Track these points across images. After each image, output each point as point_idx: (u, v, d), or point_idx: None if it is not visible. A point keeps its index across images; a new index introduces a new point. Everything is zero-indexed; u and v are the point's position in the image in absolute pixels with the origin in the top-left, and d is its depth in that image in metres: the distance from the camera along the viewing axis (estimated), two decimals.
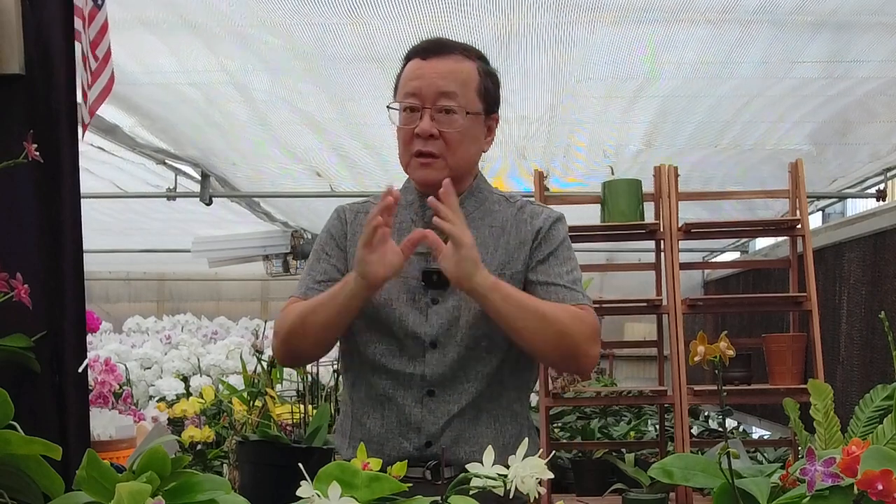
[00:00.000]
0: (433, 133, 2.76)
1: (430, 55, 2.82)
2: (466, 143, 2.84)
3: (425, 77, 2.79)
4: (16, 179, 2.46)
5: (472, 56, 2.88)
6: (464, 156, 2.86)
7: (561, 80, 5.60)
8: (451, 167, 2.82)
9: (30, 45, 2.55)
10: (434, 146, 2.78)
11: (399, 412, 2.81)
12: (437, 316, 2.80)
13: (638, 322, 11.30)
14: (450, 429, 2.80)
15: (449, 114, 2.77)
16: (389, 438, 2.83)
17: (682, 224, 5.05)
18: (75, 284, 2.62)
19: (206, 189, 7.79)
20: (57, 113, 2.60)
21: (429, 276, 2.81)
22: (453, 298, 2.80)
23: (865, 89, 5.55)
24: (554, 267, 2.87)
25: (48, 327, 2.54)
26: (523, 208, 2.95)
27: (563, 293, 2.83)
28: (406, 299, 2.81)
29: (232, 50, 5.25)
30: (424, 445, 2.80)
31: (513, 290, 2.73)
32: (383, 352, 2.79)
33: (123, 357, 7.91)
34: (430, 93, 2.77)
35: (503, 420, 2.88)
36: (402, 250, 2.66)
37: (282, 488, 1.80)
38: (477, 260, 2.64)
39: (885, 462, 1.38)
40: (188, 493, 1.78)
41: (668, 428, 5.73)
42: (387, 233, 2.64)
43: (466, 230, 2.63)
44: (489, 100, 2.89)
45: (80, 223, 2.66)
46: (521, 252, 2.87)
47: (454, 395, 2.79)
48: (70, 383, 2.58)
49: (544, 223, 2.90)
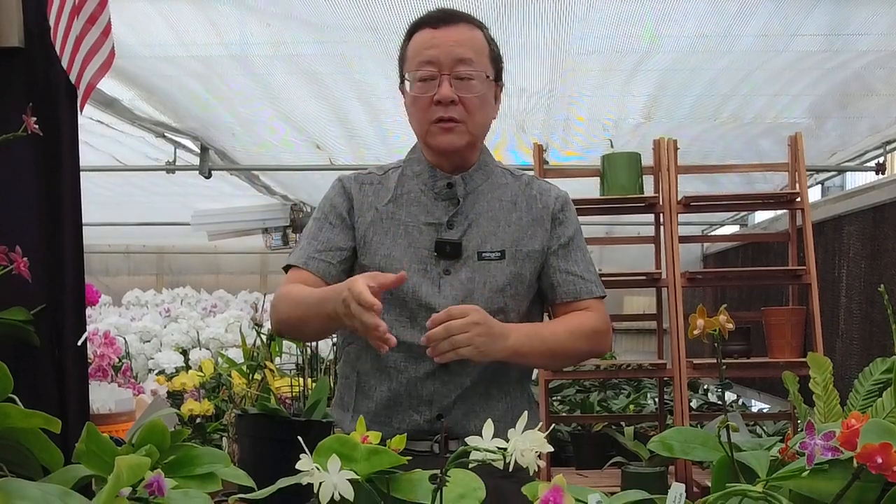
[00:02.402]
0: (454, 99, 2.79)
1: (440, 24, 2.84)
2: (485, 108, 2.88)
3: (441, 45, 2.80)
4: (15, 153, 2.45)
5: (478, 24, 2.91)
6: (482, 121, 2.90)
7: (560, 53, 5.58)
8: (472, 132, 2.86)
9: (30, 18, 2.55)
10: (455, 112, 2.80)
11: (409, 385, 2.82)
12: (451, 287, 2.81)
13: (637, 295, 11.31)
14: (461, 402, 2.82)
15: (466, 80, 2.80)
16: (398, 411, 2.84)
17: (681, 197, 5.04)
18: (74, 258, 2.62)
19: (206, 162, 7.79)
20: (56, 87, 2.60)
21: (442, 247, 2.82)
22: (466, 270, 2.83)
23: (865, 62, 5.54)
24: (573, 253, 2.95)
25: (47, 301, 2.54)
26: (531, 184, 3.00)
27: (580, 284, 2.92)
28: (417, 269, 2.82)
29: (231, 21, 5.23)
30: (436, 418, 2.81)
31: (526, 342, 2.76)
32: (393, 323, 2.76)
33: (122, 330, 7.90)
34: (447, 60, 2.79)
35: (514, 395, 2.92)
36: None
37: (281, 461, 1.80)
38: (492, 334, 2.64)
39: (885, 435, 1.38)
40: (187, 467, 1.78)
41: (667, 401, 5.74)
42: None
43: (466, 324, 2.60)
44: (498, 67, 2.92)
45: (79, 196, 2.66)
46: (538, 230, 2.91)
47: (467, 368, 2.80)
48: (69, 357, 2.58)
49: (557, 203, 2.96)
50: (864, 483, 1.41)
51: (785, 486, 1.50)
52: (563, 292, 2.91)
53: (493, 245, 2.84)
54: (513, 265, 2.84)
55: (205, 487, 1.72)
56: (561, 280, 2.91)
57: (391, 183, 2.95)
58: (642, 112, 6.69)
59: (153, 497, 1.52)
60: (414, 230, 2.86)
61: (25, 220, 2.54)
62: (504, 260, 2.84)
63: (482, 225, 2.86)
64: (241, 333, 6.45)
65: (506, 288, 2.83)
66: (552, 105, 6.58)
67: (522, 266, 2.86)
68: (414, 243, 2.84)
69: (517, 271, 2.85)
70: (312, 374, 5.00)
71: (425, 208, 2.88)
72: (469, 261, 2.82)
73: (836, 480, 1.43)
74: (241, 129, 7.44)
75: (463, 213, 2.87)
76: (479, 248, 2.83)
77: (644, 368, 5.16)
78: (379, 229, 2.89)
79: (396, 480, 1.67)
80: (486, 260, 2.83)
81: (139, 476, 1.51)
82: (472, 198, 2.90)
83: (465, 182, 2.89)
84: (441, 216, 2.86)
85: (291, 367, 5.13)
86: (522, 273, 2.86)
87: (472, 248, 2.83)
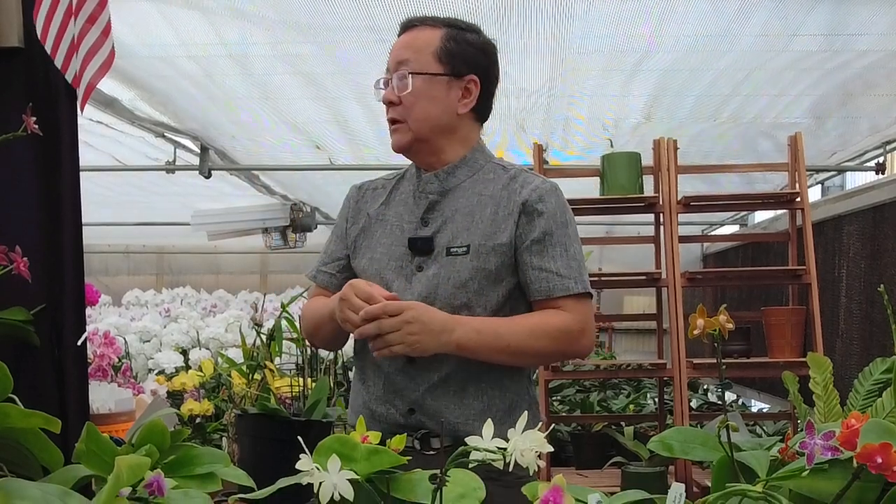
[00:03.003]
0: (392, 100, 2.91)
1: (403, 31, 2.98)
2: (422, 103, 2.90)
3: (393, 50, 2.95)
4: (15, 153, 2.45)
5: (438, 25, 2.94)
6: (422, 116, 2.91)
7: (560, 52, 5.59)
8: (413, 129, 2.91)
9: (29, 18, 2.55)
10: (395, 112, 2.92)
11: (385, 379, 2.88)
12: (419, 284, 2.85)
13: (637, 295, 11.33)
14: (432, 397, 2.83)
15: (402, 79, 2.89)
16: (378, 405, 2.90)
17: (681, 197, 5.04)
18: (74, 258, 2.62)
19: (206, 162, 7.79)
20: (56, 87, 2.59)
21: (413, 243, 2.88)
22: (435, 266, 2.86)
23: (865, 62, 5.54)
24: (549, 248, 2.87)
25: (47, 301, 2.54)
26: (515, 178, 2.96)
27: (554, 281, 2.85)
28: (394, 266, 2.90)
29: (230, 21, 5.24)
30: (408, 412, 2.85)
31: (475, 337, 2.78)
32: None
33: (122, 330, 7.90)
34: (392, 63, 2.93)
35: (492, 393, 2.89)
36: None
37: (281, 461, 1.80)
38: (429, 330, 2.72)
39: (885, 435, 1.38)
40: (187, 466, 1.78)
41: (667, 401, 5.74)
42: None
43: (397, 322, 2.69)
44: (454, 61, 2.91)
45: (79, 196, 2.66)
46: (507, 223, 2.87)
47: (433, 363, 2.82)
48: (69, 356, 2.58)
49: (532, 195, 2.89)
50: (864, 483, 1.41)
51: (785, 486, 1.50)
52: (535, 290, 2.86)
53: (462, 240, 2.85)
54: (476, 259, 2.83)
55: (205, 487, 1.72)
56: (533, 277, 2.85)
57: (390, 186, 3.06)
58: (642, 112, 6.69)
59: (153, 497, 1.52)
60: (396, 229, 2.94)
61: (25, 220, 2.54)
62: (468, 255, 2.84)
63: (457, 221, 2.88)
64: (240, 333, 6.44)
65: (468, 283, 2.82)
66: (552, 105, 6.58)
67: (486, 260, 2.83)
68: (395, 242, 2.92)
69: (480, 266, 2.83)
70: (312, 374, 5.00)
71: (409, 208, 2.96)
72: (439, 257, 2.86)
73: (836, 480, 1.44)
74: (240, 129, 7.44)
75: (439, 209, 2.91)
76: (450, 244, 2.85)
77: (644, 368, 5.16)
78: (368, 233, 2.98)
79: (396, 480, 1.68)
80: (454, 255, 2.84)
81: (139, 476, 1.51)
82: (452, 195, 2.93)
83: (440, 179, 2.93)
84: (419, 213, 2.93)
85: (291, 367, 5.13)
86: (486, 267, 2.83)
87: (442, 244, 2.86)
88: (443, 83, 2.91)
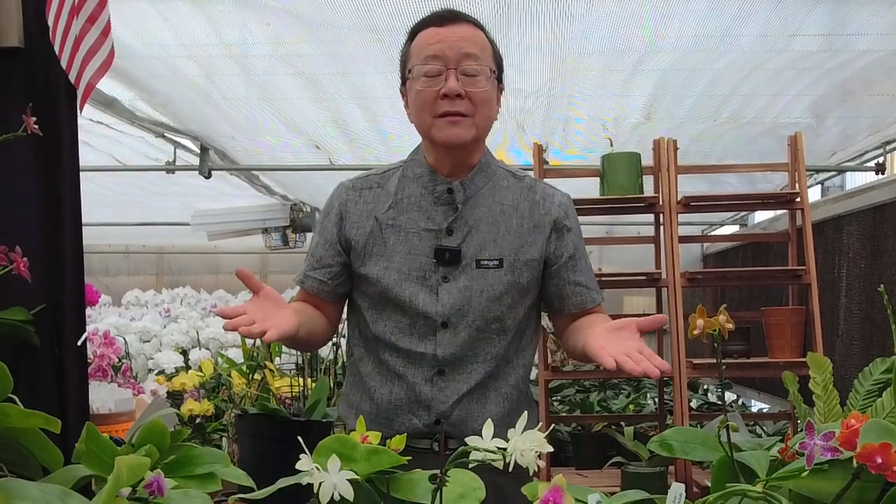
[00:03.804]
0: (461, 92, 2.78)
1: (445, 22, 2.85)
2: (490, 104, 2.88)
3: (446, 41, 2.81)
4: (15, 153, 2.46)
5: (480, 26, 2.91)
6: (488, 116, 2.89)
7: (560, 53, 5.58)
8: (478, 126, 2.86)
9: (30, 18, 2.55)
10: (462, 105, 2.80)
11: (409, 389, 2.86)
12: (449, 296, 2.82)
13: (637, 295, 11.30)
14: (459, 407, 2.85)
15: (473, 76, 2.80)
16: (399, 414, 2.87)
17: (681, 197, 5.04)
18: (74, 258, 2.62)
19: (205, 162, 7.78)
20: (56, 87, 2.60)
21: (441, 254, 2.83)
22: (464, 278, 2.83)
23: (865, 62, 5.53)
24: (580, 262, 2.98)
25: (47, 301, 2.54)
26: (533, 188, 2.98)
27: (586, 295, 2.98)
28: (416, 277, 2.84)
29: (231, 21, 5.23)
30: (434, 423, 2.84)
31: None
32: (393, 330, 2.83)
33: (122, 330, 7.91)
34: (453, 54, 2.79)
35: (511, 398, 2.93)
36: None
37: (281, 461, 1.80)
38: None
39: (885, 435, 1.38)
40: (187, 467, 1.78)
41: (667, 401, 5.74)
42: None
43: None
44: (500, 67, 2.93)
45: (79, 197, 2.66)
46: (537, 237, 2.91)
47: (464, 375, 2.84)
48: (69, 356, 2.58)
49: (560, 210, 2.96)
50: (863, 483, 1.41)
51: (785, 486, 1.50)
52: (571, 304, 2.96)
53: (491, 252, 2.85)
54: (510, 274, 2.85)
55: (205, 487, 1.72)
56: (570, 292, 2.95)
57: (392, 186, 2.95)
58: (642, 112, 6.68)
59: (153, 497, 1.52)
60: (413, 236, 2.87)
61: (25, 220, 2.55)
62: (502, 269, 2.84)
63: (482, 231, 2.86)
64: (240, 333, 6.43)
65: (503, 297, 2.84)
66: (552, 105, 6.58)
67: (520, 275, 2.87)
68: (413, 250, 2.85)
69: (515, 280, 2.86)
70: (312, 374, 5.00)
71: (425, 213, 2.88)
72: (467, 268, 2.83)
73: (836, 480, 1.44)
74: (240, 130, 7.43)
75: (462, 218, 2.87)
76: (478, 256, 2.84)
77: None
78: (378, 239, 2.90)
79: (396, 480, 1.68)
80: (485, 268, 2.84)
81: (139, 476, 1.51)
82: (472, 202, 2.89)
83: (465, 187, 2.89)
84: (441, 222, 2.86)
85: (291, 367, 5.13)
86: (520, 281, 2.87)
87: (470, 256, 2.84)
88: (496, 87, 2.91)
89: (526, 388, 3.04)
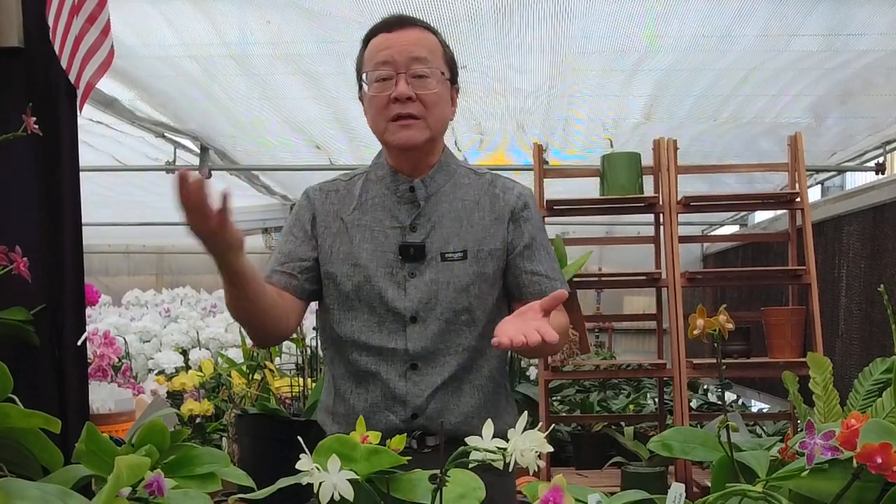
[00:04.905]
0: (410, 95, 2.83)
1: (394, 28, 2.90)
2: (441, 105, 2.91)
3: (395, 46, 2.85)
4: (15, 153, 2.46)
5: (431, 29, 2.96)
6: (440, 117, 2.92)
7: (560, 53, 5.59)
8: (431, 128, 2.88)
9: (29, 18, 2.55)
10: (413, 108, 2.84)
11: (383, 386, 2.87)
12: (416, 290, 2.86)
13: (637, 295, 11.33)
14: (434, 400, 2.87)
15: (422, 78, 2.84)
16: (375, 412, 2.88)
17: (681, 197, 5.04)
18: (74, 258, 2.62)
19: (205, 162, 7.79)
20: (56, 87, 2.60)
21: (406, 250, 2.87)
22: (430, 272, 2.87)
23: (864, 62, 5.54)
24: (538, 252, 2.99)
25: (47, 301, 2.54)
26: (494, 182, 3.02)
27: (545, 284, 2.95)
28: (384, 273, 2.87)
29: (230, 21, 5.23)
30: (411, 418, 2.86)
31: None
32: (362, 328, 2.85)
33: (122, 330, 7.90)
34: (402, 59, 2.83)
35: (486, 390, 2.95)
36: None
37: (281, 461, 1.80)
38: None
39: (885, 435, 1.38)
40: (187, 467, 1.78)
41: (667, 401, 5.74)
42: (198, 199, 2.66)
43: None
44: (453, 69, 2.97)
45: (79, 197, 2.66)
46: (499, 229, 2.95)
47: (437, 368, 2.87)
48: (69, 356, 2.58)
49: (519, 201, 2.99)
50: (863, 483, 1.41)
51: (785, 486, 1.50)
52: (528, 292, 2.95)
53: (455, 246, 2.88)
54: (475, 265, 2.89)
55: (205, 487, 1.72)
56: (527, 281, 2.95)
57: (356, 189, 3.00)
58: (642, 112, 6.69)
59: (153, 497, 1.52)
60: (379, 234, 2.91)
61: (25, 220, 2.55)
62: (466, 260, 2.88)
63: (445, 226, 2.90)
64: (240, 333, 6.44)
65: (469, 287, 2.87)
66: (552, 104, 6.58)
67: (485, 265, 2.90)
68: (379, 247, 2.89)
69: (480, 270, 2.89)
70: (312, 374, 5.00)
71: (389, 212, 2.93)
72: (433, 262, 2.87)
73: (836, 480, 1.44)
74: (240, 129, 7.43)
75: (425, 215, 2.91)
76: (442, 250, 2.88)
77: (644, 368, 5.17)
78: (345, 238, 2.93)
79: (396, 480, 1.68)
80: (450, 261, 2.87)
81: (139, 476, 1.51)
82: (434, 199, 2.94)
83: (426, 185, 2.93)
84: (404, 219, 2.90)
85: (291, 367, 5.13)
86: (485, 272, 2.90)
87: (435, 250, 2.88)
88: (449, 89, 2.94)
89: (502, 380, 3.07)
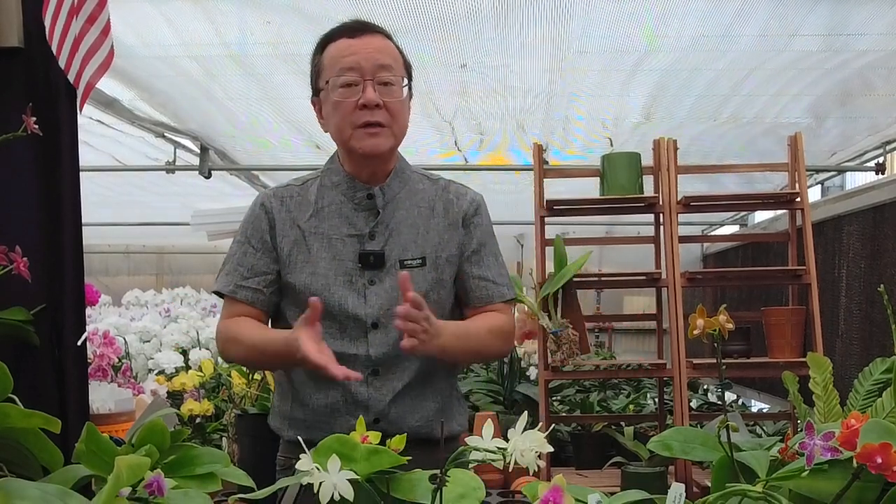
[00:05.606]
0: (379, 103, 2.86)
1: (357, 33, 2.92)
2: (404, 113, 2.96)
3: (361, 52, 2.87)
4: (15, 153, 2.46)
5: (391, 37, 2.99)
6: (404, 125, 2.96)
7: (560, 52, 5.58)
8: (396, 136, 2.93)
9: (29, 18, 2.55)
10: (380, 116, 2.87)
11: (345, 391, 2.91)
12: (377, 297, 2.89)
13: (637, 295, 11.33)
14: (395, 405, 2.91)
15: (388, 85, 2.88)
16: (337, 416, 2.92)
17: (681, 197, 5.03)
18: (74, 258, 2.62)
19: (206, 162, 7.79)
20: (56, 87, 2.60)
21: (365, 258, 2.90)
22: (390, 279, 2.90)
23: (864, 62, 5.53)
24: (486, 258, 3.04)
25: (47, 301, 2.54)
26: (447, 188, 3.07)
27: (492, 289, 3.03)
28: (343, 282, 2.90)
29: (231, 20, 5.23)
30: (373, 422, 2.89)
31: (454, 342, 2.86)
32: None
33: (122, 330, 7.89)
34: (369, 66, 2.86)
35: (444, 392, 3.04)
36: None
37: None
38: (433, 332, 2.72)
39: (885, 435, 1.38)
40: (187, 466, 1.78)
41: (667, 401, 5.74)
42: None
43: (436, 331, 2.72)
44: (411, 76, 3.01)
45: (79, 196, 2.66)
46: (454, 235, 3.00)
47: (398, 373, 2.92)
48: (69, 357, 2.58)
49: (469, 207, 3.04)
50: (863, 483, 1.41)
51: (785, 486, 1.51)
52: (475, 297, 3.02)
53: (413, 253, 2.93)
54: (434, 271, 2.94)
55: (205, 487, 1.73)
56: (474, 286, 3.01)
57: (311, 196, 3.01)
58: (642, 112, 6.68)
59: (153, 497, 1.52)
60: (337, 242, 2.93)
61: (25, 220, 2.55)
62: (425, 266, 2.92)
63: (403, 233, 2.94)
64: None
65: (429, 294, 2.91)
66: (552, 104, 6.57)
67: (443, 271, 2.96)
68: (338, 256, 2.91)
69: (438, 277, 2.95)
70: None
71: (347, 220, 2.95)
72: (392, 269, 2.90)
73: (836, 480, 1.44)
74: (240, 129, 7.43)
75: (383, 222, 2.94)
76: (401, 257, 2.92)
77: (644, 368, 5.16)
78: (303, 247, 2.94)
79: (396, 480, 1.68)
80: (409, 267, 2.90)
81: (139, 476, 1.51)
82: (391, 206, 2.96)
83: (384, 192, 2.96)
84: (363, 227, 2.93)
85: None
86: (443, 278, 2.96)
87: (394, 257, 2.91)
88: (407, 95, 2.97)
89: (455, 383, 3.15)
